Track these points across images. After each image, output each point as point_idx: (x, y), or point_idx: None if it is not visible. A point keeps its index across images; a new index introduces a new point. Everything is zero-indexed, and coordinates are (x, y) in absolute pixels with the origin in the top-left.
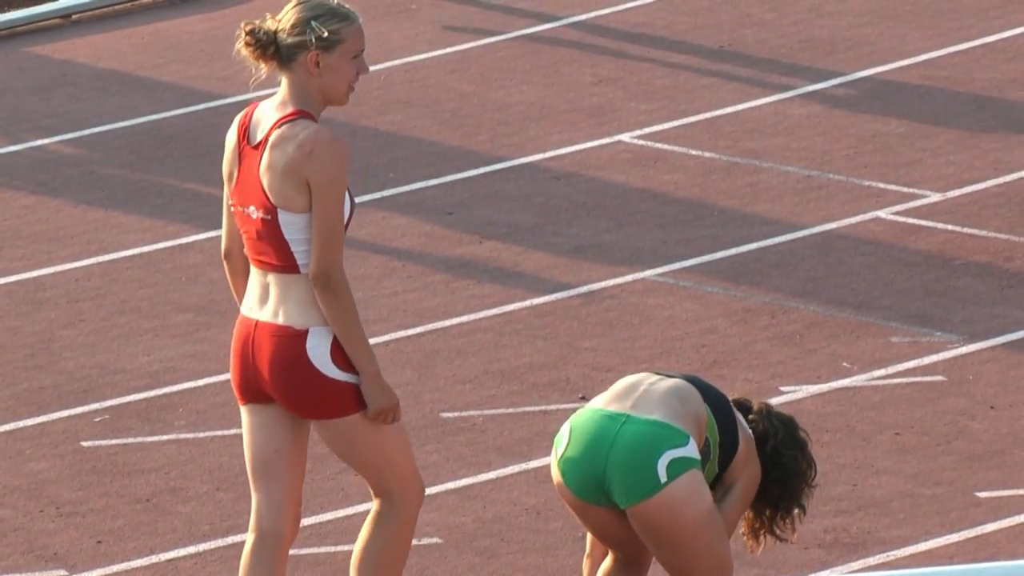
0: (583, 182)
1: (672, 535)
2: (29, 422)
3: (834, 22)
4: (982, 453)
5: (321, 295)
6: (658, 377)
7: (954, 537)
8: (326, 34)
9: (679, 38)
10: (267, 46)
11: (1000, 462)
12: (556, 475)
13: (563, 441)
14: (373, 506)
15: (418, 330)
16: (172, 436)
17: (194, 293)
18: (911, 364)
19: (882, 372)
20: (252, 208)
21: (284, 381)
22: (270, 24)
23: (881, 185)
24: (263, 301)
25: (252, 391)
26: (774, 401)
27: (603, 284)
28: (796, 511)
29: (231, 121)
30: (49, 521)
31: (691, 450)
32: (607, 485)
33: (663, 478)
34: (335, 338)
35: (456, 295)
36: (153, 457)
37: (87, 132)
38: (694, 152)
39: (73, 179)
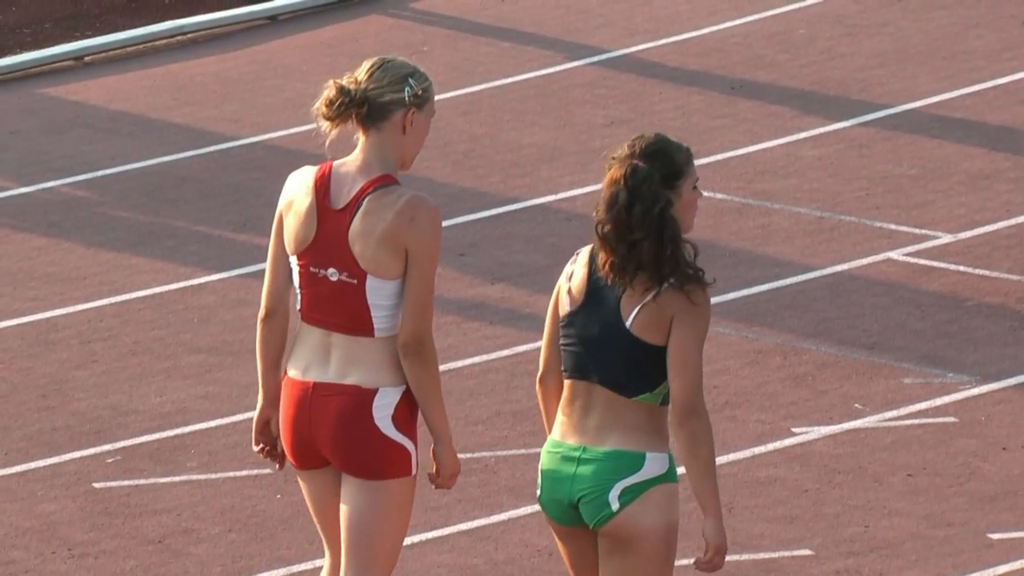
0: None
1: (624, 552)
2: (41, 463)
3: (846, 64)
4: (994, 494)
5: (412, 361)
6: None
7: None
8: (420, 92)
9: (690, 80)
10: (361, 104)
11: (1012, 503)
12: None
13: (538, 485)
14: None
15: None
16: (184, 477)
17: (206, 334)
18: (923, 405)
19: (894, 413)
20: (332, 271)
21: (343, 438)
22: (353, 83)
23: (893, 226)
24: (323, 362)
25: (308, 455)
26: (786, 443)
27: None
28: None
29: (242, 163)
30: (61, 563)
31: (645, 472)
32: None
33: (615, 507)
34: (400, 400)
35: (468, 336)
36: (165, 498)
37: (99, 174)
38: (705, 193)
39: (85, 220)
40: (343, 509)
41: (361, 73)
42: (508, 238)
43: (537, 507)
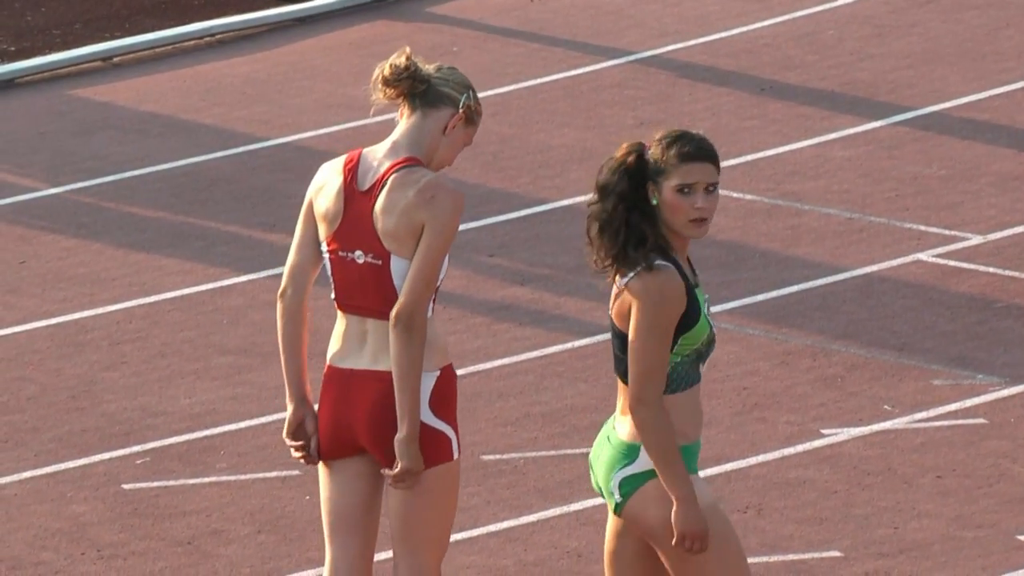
0: None
1: (657, 545)
2: (70, 464)
3: (875, 65)
4: None
5: (400, 334)
6: None
7: None
8: (473, 107)
9: (720, 80)
10: (423, 81)
11: None
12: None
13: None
14: None
15: (459, 372)
16: (213, 479)
17: (235, 335)
18: (953, 407)
19: (924, 415)
20: (359, 253)
21: (381, 426)
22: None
23: (922, 227)
24: (359, 349)
25: (339, 445)
26: (816, 444)
27: None
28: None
29: (271, 164)
30: (90, 564)
31: (640, 464)
32: None
33: (617, 497)
34: (435, 385)
35: (497, 337)
36: (194, 500)
37: (128, 175)
38: (735, 194)
39: (115, 222)
40: (389, 501)
41: (431, 64)
42: (537, 239)
43: (566, 508)
